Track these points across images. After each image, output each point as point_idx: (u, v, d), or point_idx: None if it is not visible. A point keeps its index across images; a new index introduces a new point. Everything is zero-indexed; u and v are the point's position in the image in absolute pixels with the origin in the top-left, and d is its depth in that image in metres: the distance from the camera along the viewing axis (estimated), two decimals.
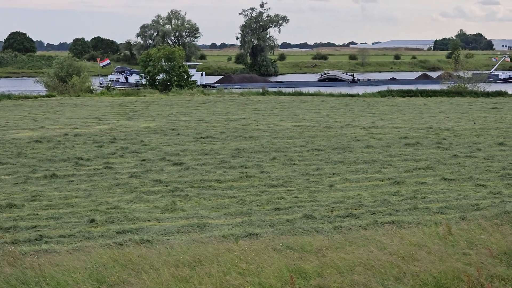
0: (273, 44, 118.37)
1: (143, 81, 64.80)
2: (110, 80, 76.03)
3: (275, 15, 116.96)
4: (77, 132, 27.78)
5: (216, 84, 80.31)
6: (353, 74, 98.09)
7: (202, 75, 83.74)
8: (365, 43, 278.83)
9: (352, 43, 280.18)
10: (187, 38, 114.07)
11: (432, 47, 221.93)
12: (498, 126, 30.08)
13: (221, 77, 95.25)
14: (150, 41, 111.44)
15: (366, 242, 10.54)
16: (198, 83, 74.74)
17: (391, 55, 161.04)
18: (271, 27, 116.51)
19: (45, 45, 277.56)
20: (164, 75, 61.88)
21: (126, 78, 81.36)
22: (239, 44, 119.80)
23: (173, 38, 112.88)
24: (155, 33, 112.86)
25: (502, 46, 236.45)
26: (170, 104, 41.49)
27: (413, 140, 25.25)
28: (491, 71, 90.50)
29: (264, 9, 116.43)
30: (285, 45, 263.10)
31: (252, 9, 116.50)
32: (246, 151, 22.94)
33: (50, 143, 24.75)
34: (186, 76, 62.52)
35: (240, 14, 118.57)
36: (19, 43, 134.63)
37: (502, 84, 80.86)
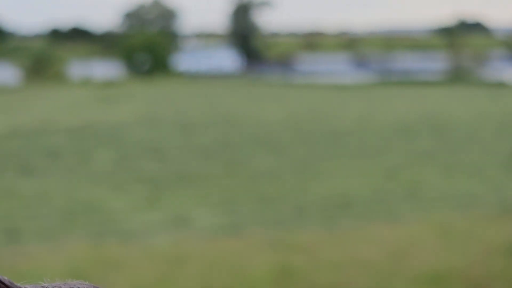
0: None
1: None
2: None
3: None
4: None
5: None
6: None
7: None
8: None
9: None
10: (170, 26, 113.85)
11: None
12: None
13: None
14: (134, 30, 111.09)
15: (358, 237, 10.18)
16: None
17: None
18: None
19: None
20: (149, 64, 62.05)
21: None
22: None
23: (156, 26, 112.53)
24: (139, 22, 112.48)
25: None
26: (155, 94, 41.18)
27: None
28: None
29: None
30: None
31: None
32: (234, 142, 22.51)
33: None
34: (168, 65, 63.07)
35: None
36: None
37: None
